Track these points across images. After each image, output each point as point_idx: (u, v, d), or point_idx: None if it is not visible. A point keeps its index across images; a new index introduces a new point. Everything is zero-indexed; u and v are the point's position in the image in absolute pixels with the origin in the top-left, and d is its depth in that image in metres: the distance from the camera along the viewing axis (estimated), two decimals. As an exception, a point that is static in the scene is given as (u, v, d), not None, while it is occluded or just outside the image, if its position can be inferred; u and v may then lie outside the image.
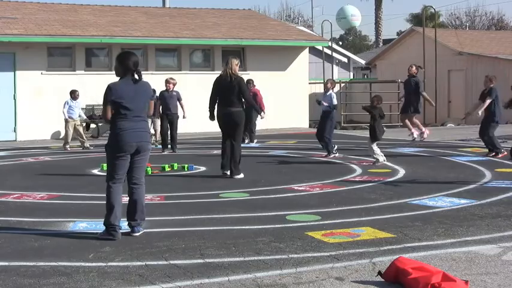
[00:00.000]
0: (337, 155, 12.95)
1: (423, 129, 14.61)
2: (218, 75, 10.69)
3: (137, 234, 6.33)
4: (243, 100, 10.56)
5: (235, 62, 10.46)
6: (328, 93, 12.85)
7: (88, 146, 15.58)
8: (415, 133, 14.50)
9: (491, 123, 12.64)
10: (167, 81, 14.66)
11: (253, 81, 16.69)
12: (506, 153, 12.34)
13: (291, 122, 21.80)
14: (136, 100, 6.34)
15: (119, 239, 6.15)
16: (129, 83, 6.36)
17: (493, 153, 12.60)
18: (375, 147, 11.77)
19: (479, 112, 12.80)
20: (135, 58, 6.43)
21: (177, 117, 14.72)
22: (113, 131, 6.32)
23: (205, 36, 21.05)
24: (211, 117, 10.80)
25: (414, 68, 14.84)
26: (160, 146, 14.84)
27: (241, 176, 10.36)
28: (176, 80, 15.13)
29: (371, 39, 65.19)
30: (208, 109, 10.81)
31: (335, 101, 12.84)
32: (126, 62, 6.36)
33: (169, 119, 14.55)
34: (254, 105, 11.84)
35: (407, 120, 14.58)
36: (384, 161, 11.71)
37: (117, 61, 6.47)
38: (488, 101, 12.52)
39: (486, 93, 12.70)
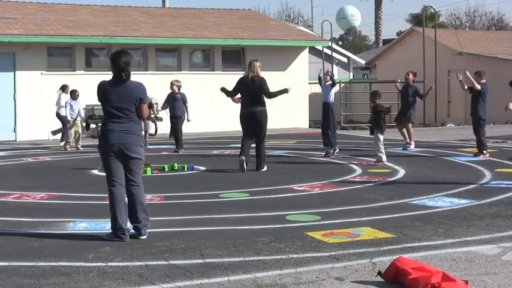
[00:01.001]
0: (337, 150, 13.04)
1: (412, 141, 14.43)
2: (241, 76, 11.33)
3: (144, 237, 6.23)
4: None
5: (257, 64, 11.08)
6: (328, 83, 13.07)
7: (67, 148, 15.53)
8: (412, 144, 14.40)
9: (479, 121, 12.72)
10: (171, 84, 14.75)
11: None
12: (487, 155, 12.57)
13: (291, 122, 21.80)
14: (122, 100, 6.21)
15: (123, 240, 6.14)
16: (117, 82, 6.25)
17: (477, 152, 12.76)
18: (381, 145, 11.82)
19: (465, 84, 13.05)
20: (126, 57, 6.28)
21: (181, 119, 14.69)
22: (100, 132, 6.39)
23: (205, 37, 21.05)
24: (225, 90, 11.53)
25: (411, 75, 14.76)
26: (148, 147, 14.94)
27: (265, 168, 11.08)
28: (181, 82, 15.14)
29: (371, 39, 65.23)
30: (226, 94, 11.53)
31: (334, 91, 13.21)
32: (117, 61, 6.25)
33: (172, 121, 14.62)
34: (278, 94, 11.62)
35: (404, 130, 14.49)
36: (385, 161, 11.76)
37: (109, 60, 6.43)
38: (478, 87, 12.59)
39: (476, 90, 12.76)
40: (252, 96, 11.01)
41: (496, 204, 7.80)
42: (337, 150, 13.11)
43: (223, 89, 11.70)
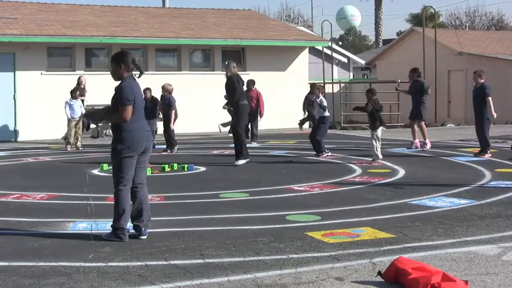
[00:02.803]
0: (329, 153, 13.05)
1: (427, 140, 14.34)
2: (235, 75, 12.11)
3: (145, 237, 6.24)
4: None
5: None
6: (318, 100, 13.02)
7: (79, 146, 15.57)
8: (417, 143, 14.27)
9: (483, 120, 12.65)
10: (166, 90, 14.78)
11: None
12: (490, 155, 12.53)
13: (291, 122, 21.76)
14: (141, 99, 6.39)
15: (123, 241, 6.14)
16: (134, 82, 6.33)
17: (479, 152, 12.71)
18: (377, 144, 11.92)
19: (494, 114, 12.82)
20: (132, 56, 6.41)
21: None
22: (125, 132, 6.17)
23: (205, 37, 21.05)
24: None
25: (410, 72, 14.67)
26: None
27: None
28: (172, 86, 15.15)
29: (371, 40, 65.20)
30: (234, 102, 12.18)
31: (325, 104, 13.08)
32: (127, 61, 6.29)
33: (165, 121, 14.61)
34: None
35: (415, 127, 14.37)
36: (381, 158, 11.85)
37: (115, 63, 6.29)
38: (490, 99, 12.54)
39: (480, 90, 12.67)
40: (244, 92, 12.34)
41: (496, 204, 7.80)
42: (329, 153, 13.12)
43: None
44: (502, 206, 7.72)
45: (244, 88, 12.95)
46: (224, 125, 17.92)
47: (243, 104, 12.08)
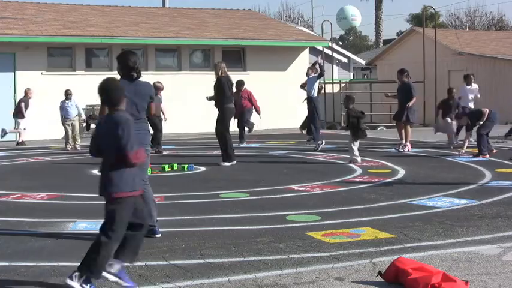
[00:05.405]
0: (323, 144, 13.14)
1: (408, 143, 14.20)
2: (225, 77, 11.86)
3: (159, 235, 6.27)
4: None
5: None
6: (310, 77, 13.25)
7: (77, 147, 15.57)
8: (408, 146, 14.10)
9: (485, 122, 12.63)
10: (157, 87, 14.56)
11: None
12: (488, 155, 12.47)
13: (291, 122, 21.78)
14: (135, 100, 6.23)
15: None
16: (127, 82, 6.22)
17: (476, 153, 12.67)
18: (355, 147, 11.89)
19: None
20: (134, 57, 6.31)
21: (160, 119, 14.72)
22: None
23: (205, 37, 21.06)
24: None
25: (397, 74, 14.59)
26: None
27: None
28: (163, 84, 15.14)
29: (371, 40, 65.16)
30: (220, 104, 12.03)
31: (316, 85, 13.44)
32: (126, 62, 6.25)
33: (153, 121, 14.51)
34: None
35: (402, 130, 14.26)
36: (359, 162, 11.79)
37: (117, 61, 6.34)
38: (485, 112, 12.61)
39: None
40: None
41: (496, 204, 7.80)
42: (323, 143, 13.23)
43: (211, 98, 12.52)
44: (502, 206, 7.72)
45: (234, 90, 12.86)
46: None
47: (228, 107, 11.99)
